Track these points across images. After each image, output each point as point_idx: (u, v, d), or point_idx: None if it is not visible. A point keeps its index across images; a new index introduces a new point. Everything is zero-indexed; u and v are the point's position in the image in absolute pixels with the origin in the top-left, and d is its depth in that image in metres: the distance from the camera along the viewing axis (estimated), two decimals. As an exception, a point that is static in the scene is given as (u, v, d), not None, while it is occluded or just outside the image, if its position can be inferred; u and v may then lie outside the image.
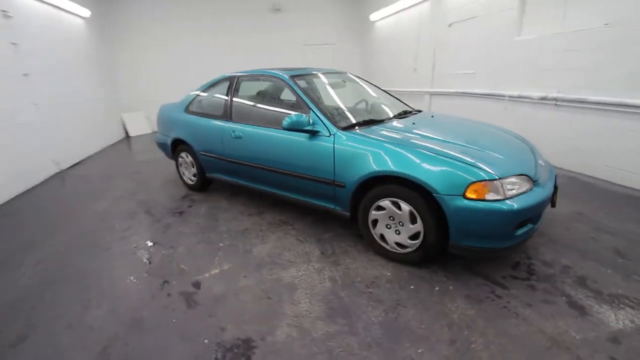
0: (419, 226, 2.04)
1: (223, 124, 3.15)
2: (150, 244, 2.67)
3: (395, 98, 3.46)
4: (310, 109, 2.52)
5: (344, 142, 2.30)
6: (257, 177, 2.99)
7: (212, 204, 3.45)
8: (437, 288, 1.97)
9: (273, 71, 2.98)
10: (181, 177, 3.94)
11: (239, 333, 1.69)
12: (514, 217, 1.82)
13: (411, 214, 2.04)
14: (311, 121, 2.43)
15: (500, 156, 2.12)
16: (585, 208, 2.91)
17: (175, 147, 3.82)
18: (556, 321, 1.69)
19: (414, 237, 2.09)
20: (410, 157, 2.02)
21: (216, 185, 3.89)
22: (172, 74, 8.10)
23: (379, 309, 1.82)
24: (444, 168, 1.92)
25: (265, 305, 1.89)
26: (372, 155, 2.16)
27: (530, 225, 1.97)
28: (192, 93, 3.70)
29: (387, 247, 2.24)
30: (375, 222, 2.25)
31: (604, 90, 3.39)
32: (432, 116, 2.96)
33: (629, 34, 3.16)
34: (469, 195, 1.84)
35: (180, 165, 3.85)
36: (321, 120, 2.44)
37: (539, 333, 1.62)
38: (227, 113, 3.16)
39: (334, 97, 2.92)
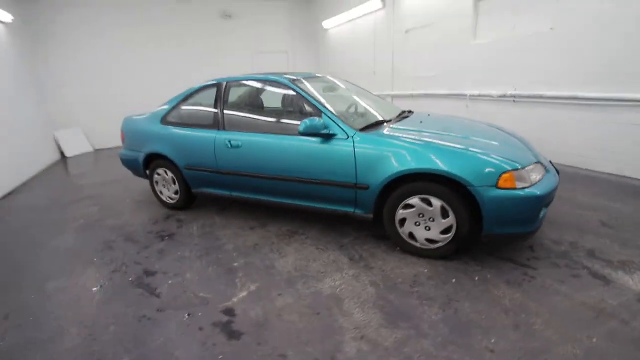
0: (451, 220, 2.08)
1: (214, 134, 2.89)
2: (148, 275, 2.32)
3: (382, 100, 3.54)
4: (323, 112, 2.44)
5: (365, 144, 2.26)
6: (260, 187, 2.80)
7: (203, 221, 3.14)
8: (476, 278, 2.03)
9: (271, 76, 2.84)
10: (158, 196, 3.52)
11: (304, 357, 1.54)
12: (540, 201, 1.96)
13: (442, 209, 2.09)
14: (325, 125, 2.35)
15: (512, 148, 2.27)
16: (559, 190, 3.28)
17: (149, 164, 3.42)
18: (589, 292, 1.84)
19: (445, 231, 2.13)
20: (439, 154, 2.07)
21: (200, 202, 3.56)
22: (113, 85, 7.30)
23: (435, 307, 1.80)
24: (474, 162, 1.99)
25: (318, 322, 1.76)
26: (397, 154, 2.15)
27: (545, 210, 2.14)
28: (166, 103, 3.35)
29: (417, 245, 2.26)
30: (402, 221, 2.25)
31: (557, 86, 3.88)
32: (429, 115, 3.08)
33: (571, 36, 3.66)
34: (501, 185, 1.93)
35: (157, 183, 3.45)
36: (336, 124, 2.37)
37: (582, 305, 1.75)
38: (219, 122, 2.91)
39: (331, 101, 2.87)
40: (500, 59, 4.46)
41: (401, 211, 2.22)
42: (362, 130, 2.38)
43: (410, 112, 3.23)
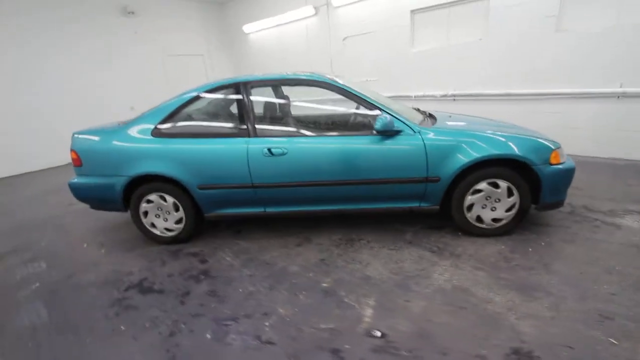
0: (515, 198, 2.37)
1: (244, 142, 2.46)
2: (229, 322, 1.82)
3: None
4: (383, 110, 2.40)
5: (434, 137, 2.34)
6: (308, 197, 2.53)
7: (229, 249, 2.62)
8: (542, 243, 2.36)
9: (303, 75, 2.61)
10: (145, 230, 2.74)
11: (498, 350, 1.51)
12: (574, 172, 2.44)
13: (508, 189, 2.35)
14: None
15: (535, 133, 2.72)
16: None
17: (132, 190, 2.64)
18: (616, 235, 2.40)
19: (508, 209, 2.41)
20: (503, 140, 2.32)
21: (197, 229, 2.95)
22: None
23: (542, 272, 2.02)
24: (534, 144, 2.32)
25: (472, 315, 1.74)
26: (466, 144, 2.31)
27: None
28: (152, 111, 2.64)
29: (483, 226, 2.47)
30: (470, 206, 2.42)
31: (489, 86, 4.80)
32: (446, 112, 3.36)
33: (499, 45, 4.60)
34: (552, 161, 2.32)
35: (145, 214, 2.68)
36: (401, 120, 2.37)
37: (621, 245, 2.26)
38: (247, 128, 2.49)
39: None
40: (438, 64, 5.21)
41: (469, 197, 2.39)
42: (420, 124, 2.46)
43: (422, 110, 3.43)
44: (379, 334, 1.67)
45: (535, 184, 2.34)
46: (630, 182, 3.25)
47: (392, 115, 2.36)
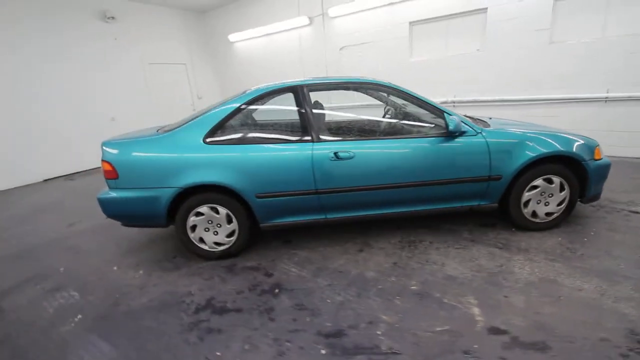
0: (566, 192, 2.52)
1: (309, 147, 2.37)
2: (337, 335, 1.70)
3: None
4: (444, 112, 2.45)
5: (495, 137, 2.43)
6: (371, 201, 2.48)
7: (288, 260, 2.48)
8: (592, 232, 2.54)
9: (356, 79, 2.61)
10: (192, 246, 2.51)
11: (612, 335, 1.58)
12: (610, 168, 2.66)
13: (560, 185, 2.51)
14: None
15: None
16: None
17: (178, 203, 2.41)
18: (647, 223, 2.65)
19: (560, 203, 2.56)
20: (559, 140, 2.47)
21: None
22: None
23: (609, 257, 2.17)
24: (578, 142, 2.50)
25: (578, 304, 1.80)
26: (526, 144, 2.43)
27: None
28: (199, 117, 2.46)
29: (538, 220, 2.59)
30: (527, 202, 2.54)
31: (486, 92, 5.13)
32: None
33: (495, 56, 4.96)
34: (596, 157, 2.52)
35: (193, 228, 2.46)
36: (463, 122, 2.44)
37: (659, 231, 2.51)
38: (310, 133, 2.41)
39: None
40: (437, 74, 5.48)
41: (527, 193, 2.51)
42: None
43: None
44: (499, 331, 1.66)
45: (582, 179, 2.53)
46: (633, 176, 3.63)
47: (455, 117, 2.43)
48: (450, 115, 2.42)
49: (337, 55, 6.47)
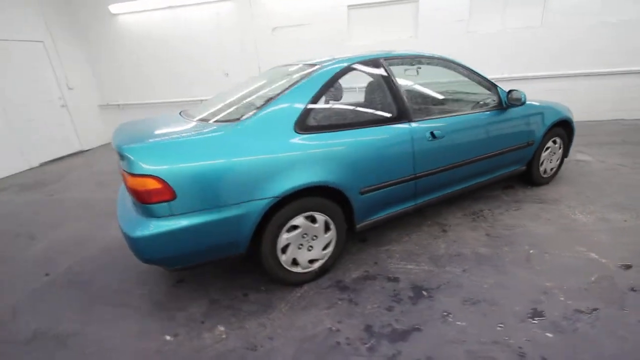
0: (562, 150, 3.14)
1: (407, 128, 2.10)
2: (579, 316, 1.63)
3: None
4: (497, 86, 2.60)
5: (530, 108, 2.75)
6: (450, 180, 2.44)
7: (391, 260, 2.20)
8: (583, 177, 3.26)
9: (430, 53, 2.49)
10: (282, 273, 1.90)
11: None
12: (571, 127, 3.45)
13: (560, 144, 3.09)
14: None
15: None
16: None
17: (270, 216, 1.76)
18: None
19: (560, 160, 3.16)
20: (558, 107, 2.99)
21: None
22: None
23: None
24: (566, 109, 3.11)
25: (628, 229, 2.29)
26: (544, 112, 2.85)
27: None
28: (284, 96, 1.81)
29: (545, 176, 3.13)
30: (542, 162, 3.02)
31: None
32: None
33: (424, 42, 5.55)
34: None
35: (284, 249, 1.85)
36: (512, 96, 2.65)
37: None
38: (404, 111, 2.13)
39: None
40: (375, 58, 5.75)
41: (544, 154, 2.99)
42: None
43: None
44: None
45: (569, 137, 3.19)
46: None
47: (503, 91, 2.63)
48: (500, 90, 2.61)
49: (270, 37, 5.91)
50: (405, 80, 2.34)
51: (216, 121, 1.91)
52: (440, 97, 2.82)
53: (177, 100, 6.54)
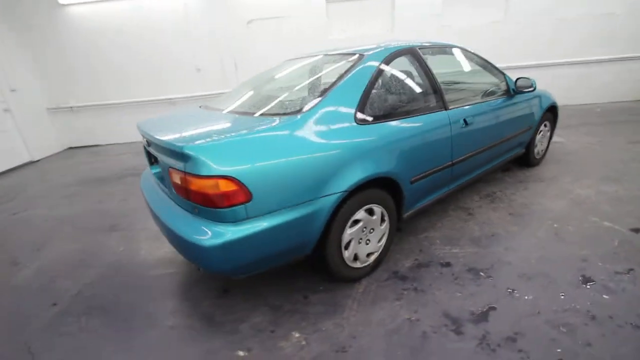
0: (549, 133, 3.45)
1: (446, 116, 2.15)
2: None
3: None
4: (504, 74, 2.76)
5: (530, 94, 2.95)
6: (473, 166, 2.54)
7: (437, 244, 2.25)
8: (568, 155, 3.60)
9: (449, 43, 2.57)
10: (345, 270, 1.84)
11: None
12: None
13: (549, 127, 3.40)
14: (512, 83, 2.77)
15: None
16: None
17: (336, 212, 1.68)
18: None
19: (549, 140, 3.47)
20: (546, 94, 3.26)
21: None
22: None
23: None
24: (551, 95, 3.42)
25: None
26: (539, 98, 3.11)
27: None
28: (339, 87, 1.73)
29: (538, 157, 3.42)
30: (536, 144, 3.29)
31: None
32: None
33: (401, 36, 5.72)
34: (555, 105, 3.55)
35: (348, 244, 1.79)
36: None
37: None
38: (442, 100, 2.17)
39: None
40: (354, 52, 5.79)
41: (538, 136, 3.26)
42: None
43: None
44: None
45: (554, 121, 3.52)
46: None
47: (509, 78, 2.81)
48: (506, 76, 2.79)
49: (246, 31, 5.64)
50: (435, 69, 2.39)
51: (262, 115, 1.78)
52: (463, 86, 2.93)
53: (143, 100, 6.01)
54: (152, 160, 2.09)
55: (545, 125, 3.33)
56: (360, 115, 1.77)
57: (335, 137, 1.65)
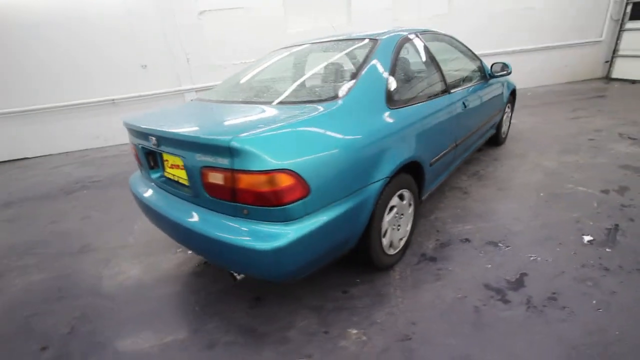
0: (510, 113, 3.81)
1: (450, 100, 2.23)
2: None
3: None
4: (480, 60, 2.95)
5: (500, 79, 3.21)
6: (465, 148, 2.68)
7: (451, 223, 2.33)
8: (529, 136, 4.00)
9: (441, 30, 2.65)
10: (383, 258, 1.81)
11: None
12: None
13: (510, 109, 3.74)
14: (489, 68, 2.99)
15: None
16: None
17: (377, 201, 1.64)
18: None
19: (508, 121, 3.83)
20: (509, 80, 3.60)
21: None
22: None
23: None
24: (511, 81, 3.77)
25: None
26: (506, 83, 3.40)
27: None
28: (368, 70, 1.66)
29: (504, 136, 3.75)
30: (502, 125, 3.61)
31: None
32: None
33: (358, 29, 5.79)
34: (512, 89, 3.93)
35: (386, 231, 1.76)
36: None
37: (529, 129, 4.33)
38: (445, 84, 2.24)
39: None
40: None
41: (504, 118, 3.58)
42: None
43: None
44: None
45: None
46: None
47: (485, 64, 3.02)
48: (484, 63, 3.00)
49: (197, 22, 5.21)
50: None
51: (280, 103, 1.66)
52: (454, 70, 3.05)
53: (79, 103, 5.22)
54: (152, 164, 1.81)
55: (508, 108, 3.67)
56: (389, 100, 1.73)
57: (373, 123, 1.60)
